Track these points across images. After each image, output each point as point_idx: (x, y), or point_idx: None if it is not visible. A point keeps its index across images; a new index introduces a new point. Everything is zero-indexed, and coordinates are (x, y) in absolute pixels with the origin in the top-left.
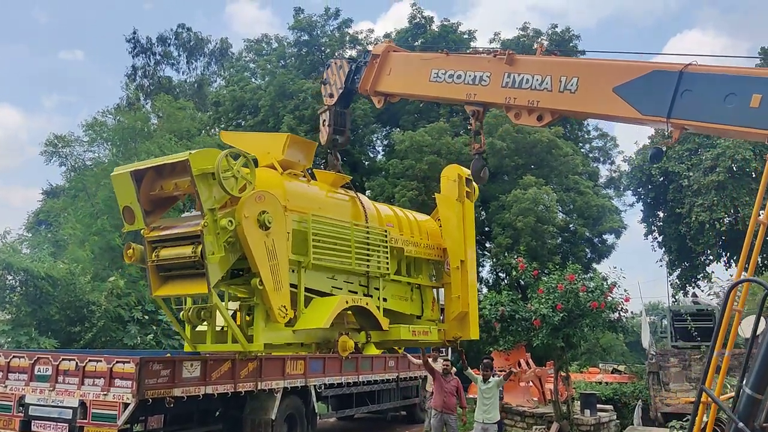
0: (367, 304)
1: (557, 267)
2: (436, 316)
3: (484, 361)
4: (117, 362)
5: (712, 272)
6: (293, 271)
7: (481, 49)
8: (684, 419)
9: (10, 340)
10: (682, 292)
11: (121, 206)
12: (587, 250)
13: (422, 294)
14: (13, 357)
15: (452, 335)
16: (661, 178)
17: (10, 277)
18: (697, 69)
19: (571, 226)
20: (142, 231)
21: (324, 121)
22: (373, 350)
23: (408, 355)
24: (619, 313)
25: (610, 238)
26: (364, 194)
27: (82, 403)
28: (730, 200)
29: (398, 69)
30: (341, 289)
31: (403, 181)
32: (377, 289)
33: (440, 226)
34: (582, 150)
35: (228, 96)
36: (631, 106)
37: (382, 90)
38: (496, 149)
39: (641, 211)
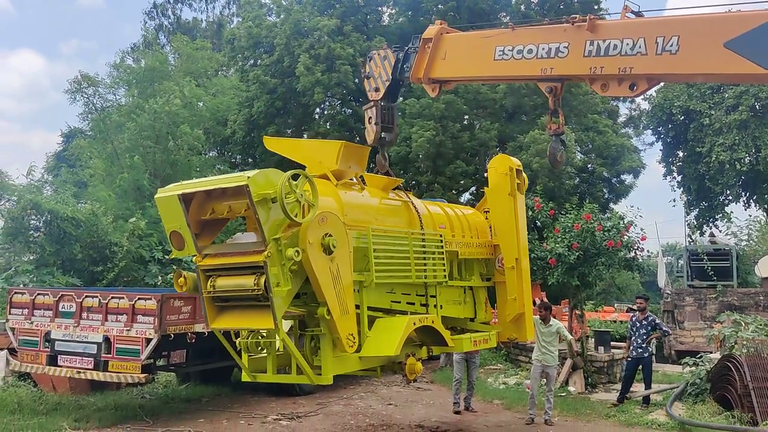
0: (433, 322)
1: (574, 207)
2: (489, 317)
3: (542, 301)
4: (139, 299)
5: (731, 212)
6: (356, 290)
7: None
8: (698, 356)
9: (34, 279)
10: (699, 232)
11: (168, 230)
12: (605, 190)
13: (474, 295)
14: (38, 294)
15: (507, 337)
16: (682, 117)
17: (34, 218)
18: None
19: (589, 166)
20: (193, 258)
21: (370, 118)
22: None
23: None
24: (635, 252)
25: (628, 178)
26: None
27: (107, 339)
28: (752, 140)
29: (455, 52)
30: (399, 302)
31: (420, 121)
32: (433, 296)
33: (487, 218)
34: None
35: (244, 33)
36: (750, 62)
37: (437, 77)
38: (514, 88)
39: (660, 150)
